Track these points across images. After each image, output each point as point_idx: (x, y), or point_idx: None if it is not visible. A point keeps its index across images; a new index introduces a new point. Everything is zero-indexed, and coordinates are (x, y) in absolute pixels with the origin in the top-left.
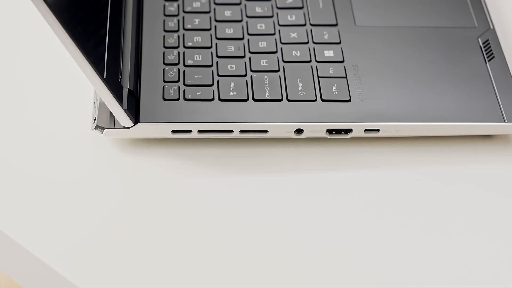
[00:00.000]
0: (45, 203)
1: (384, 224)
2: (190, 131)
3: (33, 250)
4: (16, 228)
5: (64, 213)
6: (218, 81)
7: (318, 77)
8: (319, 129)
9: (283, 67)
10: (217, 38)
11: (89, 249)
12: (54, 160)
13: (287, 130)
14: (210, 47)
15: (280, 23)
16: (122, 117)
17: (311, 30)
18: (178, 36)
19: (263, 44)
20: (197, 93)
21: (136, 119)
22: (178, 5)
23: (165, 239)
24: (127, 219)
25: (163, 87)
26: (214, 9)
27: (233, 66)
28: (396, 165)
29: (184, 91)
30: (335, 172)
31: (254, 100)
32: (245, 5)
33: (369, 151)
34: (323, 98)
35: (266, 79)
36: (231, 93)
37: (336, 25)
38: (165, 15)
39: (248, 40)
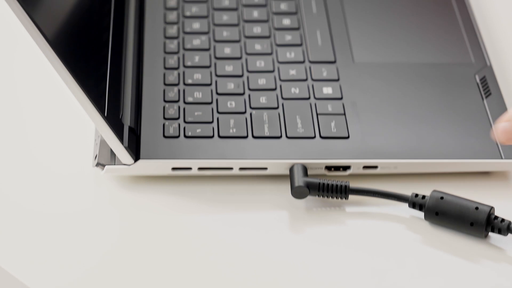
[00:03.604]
0: (45, 238)
1: (383, 262)
2: (190, 168)
3: (33, 285)
4: (16, 264)
5: (64, 248)
6: (218, 118)
7: (317, 114)
8: (318, 166)
9: (282, 104)
10: (217, 75)
11: (89, 284)
12: (55, 196)
13: (286, 167)
14: (210, 84)
15: (279, 60)
16: (123, 154)
17: (310, 67)
18: (178, 74)
19: (262, 81)
20: (197, 130)
21: (136, 156)
22: (178, 43)
23: (164, 275)
24: (127, 255)
25: (164, 124)
26: (214, 47)
27: (233, 103)
28: (394, 202)
29: (184, 128)
30: (334, 209)
31: (254, 137)
32: (245, 43)
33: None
34: (322, 135)
35: (265, 116)
36: (231, 130)
37: (334, 62)
38: (165, 52)
39: (247, 77)
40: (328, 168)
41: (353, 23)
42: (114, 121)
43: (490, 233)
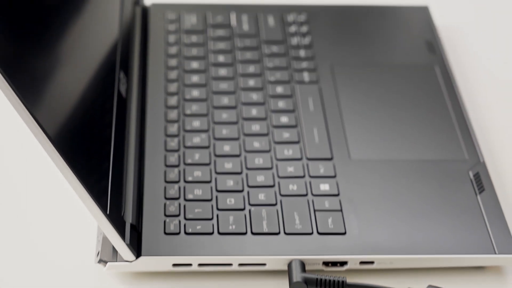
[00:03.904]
0: None
1: None
2: (190, 265)
3: None
4: None
5: None
6: (217, 215)
7: (314, 211)
8: (316, 262)
9: (281, 201)
10: (216, 173)
11: None
12: None
13: (285, 263)
14: (210, 182)
15: (278, 157)
16: (125, 251)
17: (307, 164)
18: (179, 171)
19: (261, 178)
20: (197, 227)
21: (138, 253)
22: (179, 140)
23: None
24: None
25: (164, 221)
26: (214, 144)
27: (232, 200)
28: None
29: (184, 225)
30: None
31: (253, 233)
32: (244, 140)
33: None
34: (319, 231)
35: (264, 212)
36: (230, 227)
37: (331, 159)
38: (166, 150)
39: (246, 174)
40: (326, 263)
41: (350, 121)
42: (116, 219)
43: None
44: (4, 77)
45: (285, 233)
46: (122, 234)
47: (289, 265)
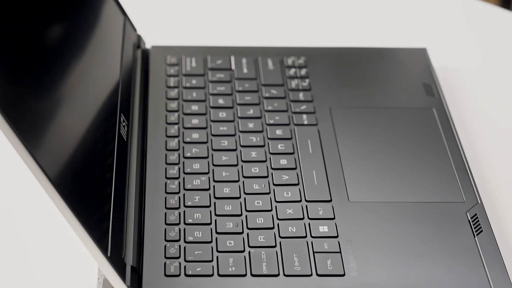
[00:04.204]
0: None
1: None
2: None
3: None
4: None
5: None
6: (217, 257)
7: (313, 252)
8: None
9: (280, 243)
10: (216, 215)
11: None
12: None
13: None
14: (210, 224)
15: (277, 199)
16: None
17: (306, 206)
18: (179, 213)
19: (260, 220)
20: (197, 269)
21: None
22: (179, 183)
23: None
24: None
25: (165, 263)
26: (214, 186)
27: (232, 242)
28: None
29: (185, 267)
30: None
31: (252, 275)
32: (243, 182)
33: None
34: (318, 272)
35: (263, 254)
36: (230, 269)
37: (330, 201)
38: (166, 192)
39: (246, 216)
40: None
41: (348, 163)
42: (117, 261)
43: None
44: (5, 118)
45: (284, 274)
46: (122, 276)
47: None
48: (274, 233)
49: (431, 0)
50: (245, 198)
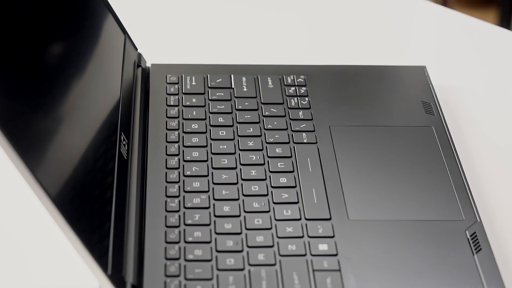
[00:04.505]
0: None
1: None
2: None
3: None
4: None
5: None
6: (217, 275)
7: (313, 270)
8: None
9: (280, 261)
10: (216, 233)
11: None
12: None
13: None
14: (210, 242)
15: (277, 217)
16: None
17: (306, 224)
18: (179, 231)
19: (260, 238)
20: (197, 287)
21: None
22: (179, 201)
23: None
24: None
25: (165, 282)
26: (214, 205)
27: (232, 260)
28: None
29: (185, 285)
30: None
31: None
32: (243, 200)
33: None
34: None
35: (263, 272)
36: (230, 287)
37: (330, 219)
38: (166, 210)
39: (246, 234)
40: None
41: (347, 181)
42: (117, 279)
43: None
44: (6, 137)
45: None
46: None
47: None
48: (274, 251)
49: (431, 18)
50: (245, 216)
